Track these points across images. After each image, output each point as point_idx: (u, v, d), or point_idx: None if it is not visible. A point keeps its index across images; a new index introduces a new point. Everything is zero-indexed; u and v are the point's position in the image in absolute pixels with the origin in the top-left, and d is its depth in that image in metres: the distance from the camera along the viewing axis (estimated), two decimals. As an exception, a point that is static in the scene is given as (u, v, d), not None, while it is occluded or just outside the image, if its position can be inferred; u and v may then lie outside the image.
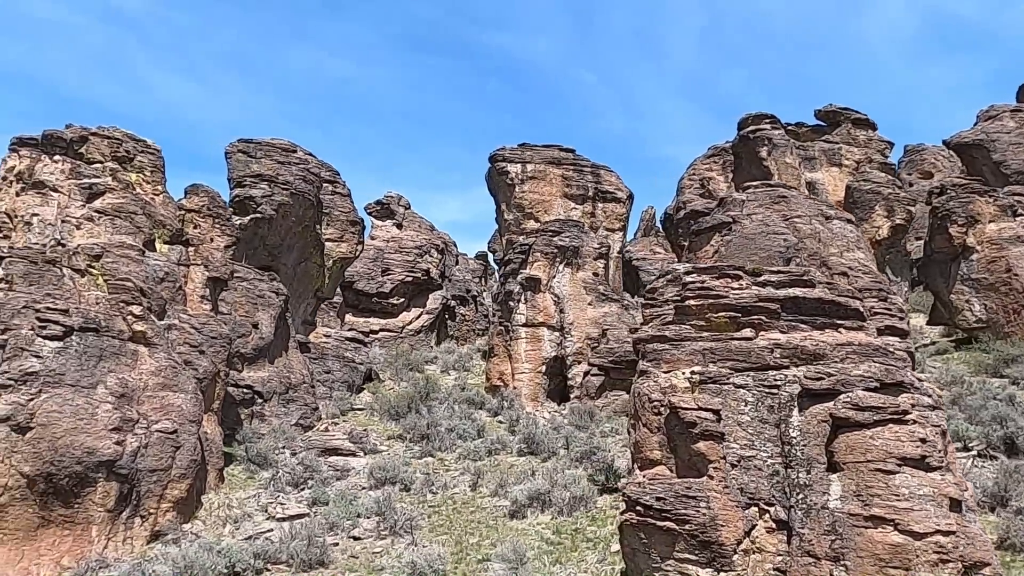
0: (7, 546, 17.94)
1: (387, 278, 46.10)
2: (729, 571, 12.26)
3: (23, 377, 19.04)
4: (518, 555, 14.65)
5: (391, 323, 45.65)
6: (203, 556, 15.81)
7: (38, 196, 24.07)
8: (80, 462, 18.75)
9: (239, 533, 19.40)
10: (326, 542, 16.96)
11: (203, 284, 25.23)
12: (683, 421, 13.63)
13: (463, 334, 49.80)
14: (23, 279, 21.17)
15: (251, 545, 17.49)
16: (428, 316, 46.95)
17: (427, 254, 48.15)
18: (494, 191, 40.74)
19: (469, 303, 51.30)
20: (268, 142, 35.78)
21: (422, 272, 46.97)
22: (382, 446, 26.55)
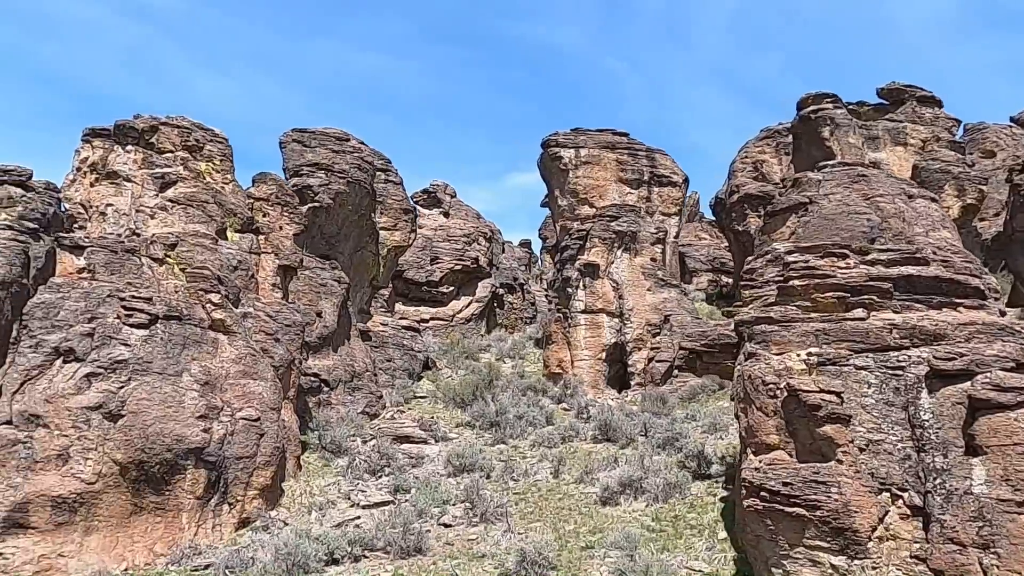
0: (102, 533, 18.04)
1: (436, 267, 45.95)
2: (863, 559, 11.84)
3: (112, 365, 19.11)
4: (631, 542, 14.34)
5: (441, 312, 45.51)
6: (302, 543, 15.71)
7: (112, 186, 24.16)
8: (170, 449, 18.79)
9: (326, 520, 19.34)
10: (424, 529, 16.77)
11: (274, 272, 25.19)
12: (804, 404, 13.19)
13: (511, 322, 49.55)
14: (105, 268, 21.24)
15: (344, 532, 17.38)
16: (478, 304, 46.75)
17: (475, 242, 47.91)
18: (547, 177, 40.28)
19: (516, 291, 51.01)
20: (322, 131, 35.62)
21: (471, 260, 46.73)
22: (452, 434, 26.39)
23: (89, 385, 18.78)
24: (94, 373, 18.91)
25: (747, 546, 13.40)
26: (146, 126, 24.76)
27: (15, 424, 18.10)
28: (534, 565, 13.94)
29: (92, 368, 18.93)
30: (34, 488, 17.53)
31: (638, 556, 13.43)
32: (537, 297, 53.09)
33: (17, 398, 18.53)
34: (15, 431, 17.97)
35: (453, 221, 48.88)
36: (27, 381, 18.79)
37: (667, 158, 39.58)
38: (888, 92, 37.59)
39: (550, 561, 14.22)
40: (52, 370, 19.01)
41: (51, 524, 17.54)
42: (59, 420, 18.26)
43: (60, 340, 19.23)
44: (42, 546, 17.34)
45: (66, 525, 17.66)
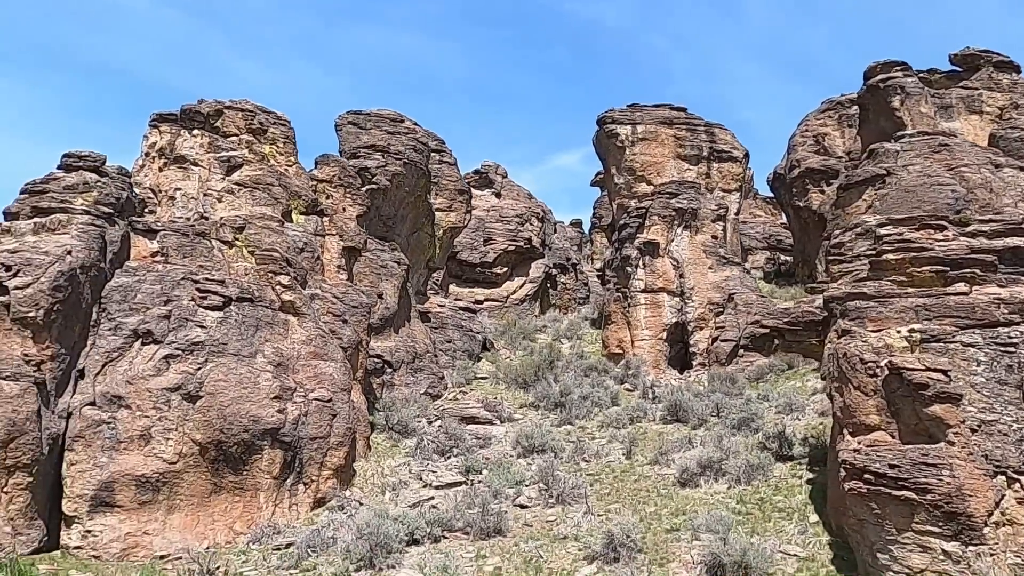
0: (183, 512, 18.34)
1: (489, 248, 45.72)
2: (978, 544, 11.26)
3: (190, 347, 19.33)
4: (723, 525, 13.95)
5: (495, 292, 45.33)
6: (383, 523, 15.69)
7: (180, 171, 24.39)
8: (247, 430, 18.97)
9: (400, 500, 19.36)
10: (501, 510, 16.63)
11: (339, 254, 25.22)
12: (908, 383, 12.58)
13: (564, 303, 49.16)
14: (177, 251, 21.48)
15: (422, 513, 17.34)
16: (531, 285, 46.45)
17: (527, 222, 47.51)
18: (602, 154, 39.62)
19: (569, 271, 50.55)
20: (376, 113, 35.50)
21: (524, 241, 46.39)
22: (516, 414, 26.23)
23: (168, 367, 19.04)
24: (172, 355, 19.16)
25: (849, 530, 12.90)
26: (211, 110, 24.89)
27: (98, 405, 18.46)
28: (622, 547, 13.66)
29: (170, 350, 19.19)
30: (119, 468, 17.89)
31: (731, 539, 13.03)
32: (590, 278, 52.55)
33: (99, 379, 18.90)
34: (99, 412, 18.33)
35: (505, 202, 48.52)
36: (108, 363, 19.13)
37: (727, 133, 38.54)
38: (962, 58, 35.88)
39: (637, 543, 13.92)
40: (132, 352, 19.32)
41: (136, 503, 17.89)
42: (140, 401, 18.56)
43: (138, 323, 19.52)
44: (128, 524, 17.71)
45: (150, 504, 18.00)
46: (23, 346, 17.80)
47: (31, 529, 16.99)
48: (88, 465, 17.82)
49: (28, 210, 20.19)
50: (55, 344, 18.35)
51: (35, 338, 17.99)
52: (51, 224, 19.88)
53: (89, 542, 17.43)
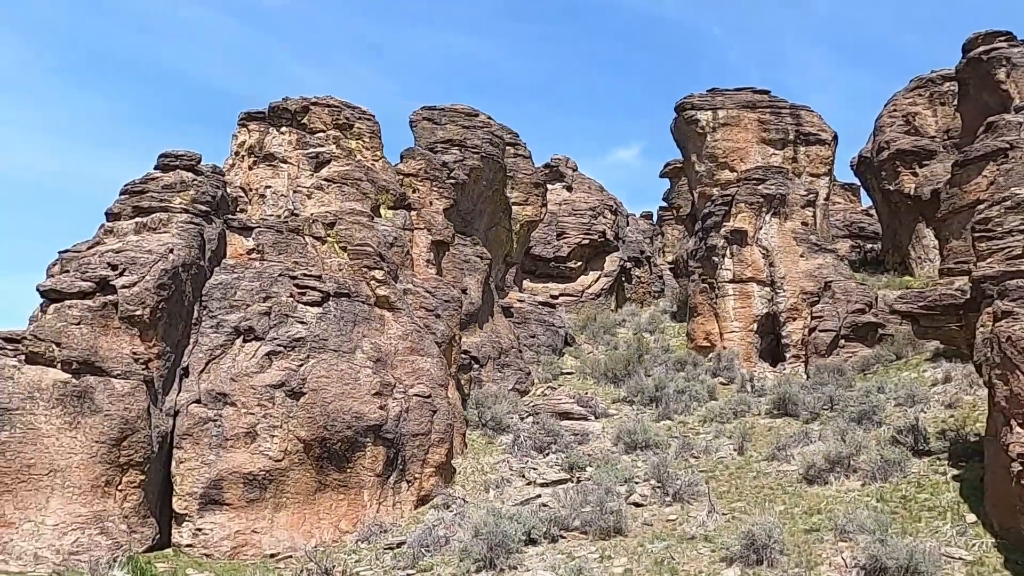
0: (290, 510, 18.13)
1: (563, 242, 44.94)
2: None
3: (291, 343, 19.14)
4: (879, 525, 12.89)
5: (570, 287, 44.53)
6: (501, 522, 15.09)
7: (269, 168, 24.35)
8: (350, 427, 18.66)
9: (505, 498, 18.77)
10: (621, 509, 15.86)
11: (427, 248, 24.83)
12: (1094, 368, 11.30)
13: (640, 296, 48.04)
14: (272, 248, 21.36)
15: (534, 511, 16.70)
16: (606, 279, 45.49)
17: (601, 215, 46.56)
18: (682, 142, 38.39)
19: (644, 264, 49.39)
20: (451, 108, 35.08)
21: (598, 234, 45.45)
22: (611, 410, 25.41)
23: (270, 363, 18.88)
24: (274, 351, 18.99)
25: (1026, 531, 11.70)
26: (298, 107, 24.79)
27: (204, 403, 18.40)
28: (764, 549, 12.74)
29: (272, 346, 19.02)
30: (226, 465, 17.78)
31: (890, 541, 11.99)
32: (663, 270, 51.27)
33: (204, 377, 18.85)
34: (205, 409, 18.27)
35: (576, 195, 47.67)
36: (211, 360, 19.08)
37: (813, 115, 36.88)
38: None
39: (779, 545, 12.97)
40: (234, 349, 19.23)
41: (243, 500, 17.75)
42: (245, 398, 18.44)
43: (239, 320, 19.43)
44: (237, 522, 17.58)
45: (257, 502, 17.84)
46: (131, 344, 17.85)
47: (144, 527, 17.00)
48: (196, 463, 17.77)
49: (129, 210, 20.33)
50: (161, 342, 18.37)
51: (142, 336, 18.03)
52: (152, 223, 19.97)
53: (200, 540, 17.36)
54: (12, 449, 16.01)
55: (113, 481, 16.70)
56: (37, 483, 16.05)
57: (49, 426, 16.48)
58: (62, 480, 16.22)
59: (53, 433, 16.44)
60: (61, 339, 17.09)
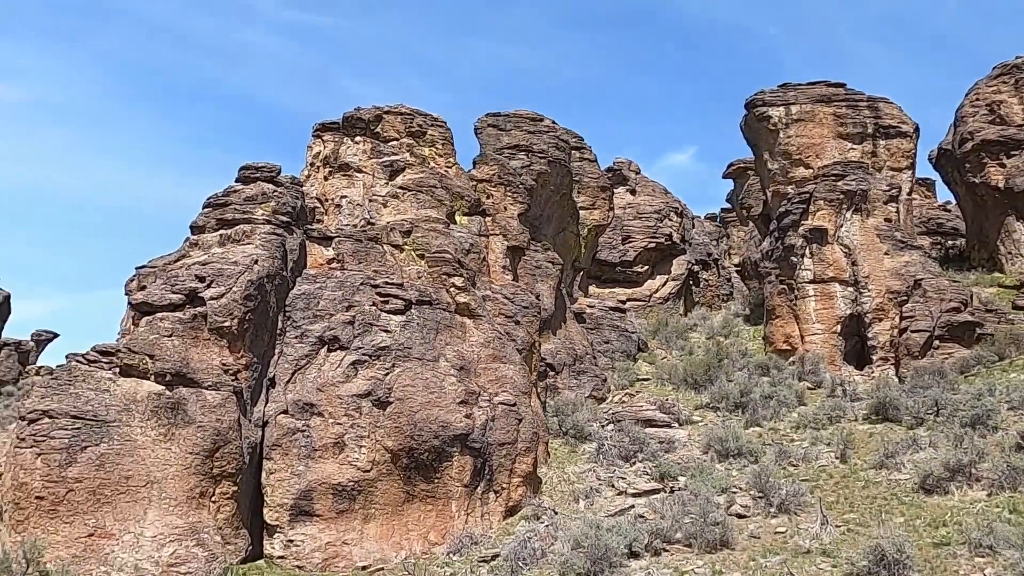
0: (378, 521, 17.89)
1: (629, 246, 44.15)
2: None
3: (376, 352, 18.97)
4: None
5: (637, 292, 43.67)
6: (602, 535, 14.51)
7: (344, 178, 24.39)
8: (436, 436, 18.35)
9: (597, 509, 18.18)
10: (725, 520, 15.12)
11: (503, 254, 24.50)
12: None
13: (708, 300, 46.83)
14: (352, 257, 21.30)
15: (633, 523, 16.07)
16: (674, 283, 44.50)
17: (666, 218, 45.62)
18: (753, 140, 37.26)
19: (711, 267, 48.20)
20: (515, 113, 34.75)
21: (664, 237, 44.53)
22: (694, 416, 24.57)
23: (356, 373, 18.74)
24: (359, 361, 18.85)
25: None
26: (370, 116, 24.80)
27: (291, 413, 18.34)
28: (895, 565, 11.87)
29: (357, 356, 18.88)
30: (316, 476, 17.65)
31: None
32: (731, 273, 49.97)
33: (290, 388, 18.81)
34: (293, 420, 18.21)
35: (641, 198, 46.85)
36: (297, 371, 19.04)
37: (892, 106, 35.35)
38: None
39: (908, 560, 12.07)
40: (319, 359, 19.16)
41: (333, 512, 17.59)
42: (332, 408, 18.31)
43: (323, 329, 19.36)
44: (327, 533, 17.42)
45: (347, 513, 17.66)
46: (220, 355, 17.92)
47: (238, 538, 16.97)
48: (286, 474, 17.69)
49: (213, 223, 20.53)
50: (248, 353, 18.41)
51: (231, 347, 18.09)
52: (236, 235, 20.10)
53: (292, 552, 17.25)
54: (111, 461, 16.16)
55: (207, 492, 16.72)
56: (135, 494, 16.17)
57: (145, 438, 16.62)
58: (158, 491, 16.31)
59: (149, 445, 16.56)
60: (154, 351, 17.25)
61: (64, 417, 16.31)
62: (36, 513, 15.64)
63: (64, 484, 15.74)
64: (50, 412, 16.38)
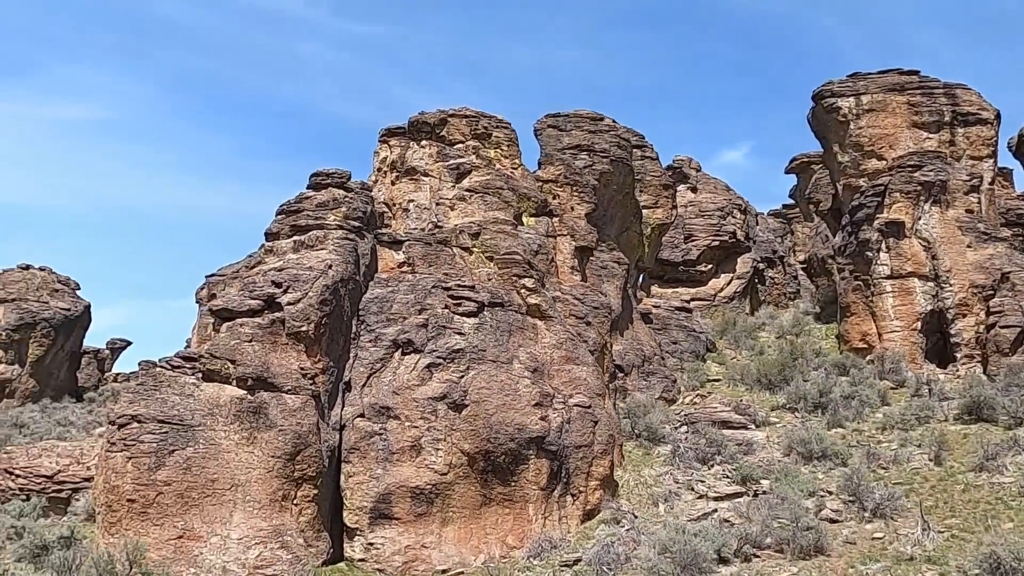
0: (456, 524, 17.82)
1: (692, 244, 43.29)
2: None
3: (450, 355, 18.92)
4: None
5: (701, 291, 42.77)
6: (691, 540, 14.11)
7: (411, 182, 24.49)
8: (513, 439, 18.19)
9: (678, 513, 17.75)
10: (818, 525, 14.54)
11: (571, 254, 24.26)
12: None
13: (774, 298, 45.60)
14: (423, 260, 21.34)
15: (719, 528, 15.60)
16: (739, 281, 43.44)
17: (729, 215, 44.61)
18: (821, 132, 36.12)
19: (777, 264, 46.94)
20: (575, 113, 34.39)
21: (728, 235, 43.53)
22: (771, 417, 23.85)
23: (431, 375, 18.72)
24: (434, 363, 18.83)
25: None
26: (435, 120, 24.85)
27: (368, 416, 18.43)
28: (1013, 574, 11.18)
29: (432, 359, 18.87)
30: (394, 479, 17.68)
31: None
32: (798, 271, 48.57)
33: (366, 391, 18.91)
34: (370, 423, 18.29)
35: (702, 196, 45.93)
36: (372, 374, 19.13)
37: (970, 92, 33.80)
38: None
39: None
40: (393, 362, 19.22)
41: (412, 515, 17.59)
42: (408, 411, 18.33)
43: (397, 333, 19.42)
44: (406, 537, 17.42)
45: (425, 516, 17.64)
46: (299, 360, 18.11)
47: (319, 541, 17.10)
48: (365, 477, 17.78)
49: (287, 229, 20.82)
50: (325, 357, 18.57)
51: (308, 351, 18.27)
52: (309, 241, 20.35)
53: (372, 555, 17.32)
54: (197, 464, 16.47)
55: (289, 495, 16.90)
56: (220, 497, 16.44)
57: (228, 441, 16.89)
58: (243, 494, 16.55)
59: (232, 448, 16.83)
60: (235, 356, 17.54)
61: (152, 422, 16.69)
62: (128, 515, 16.04)
63: (154, 487, 16.11)
64: (138, 417, 16.79)
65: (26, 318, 34.86)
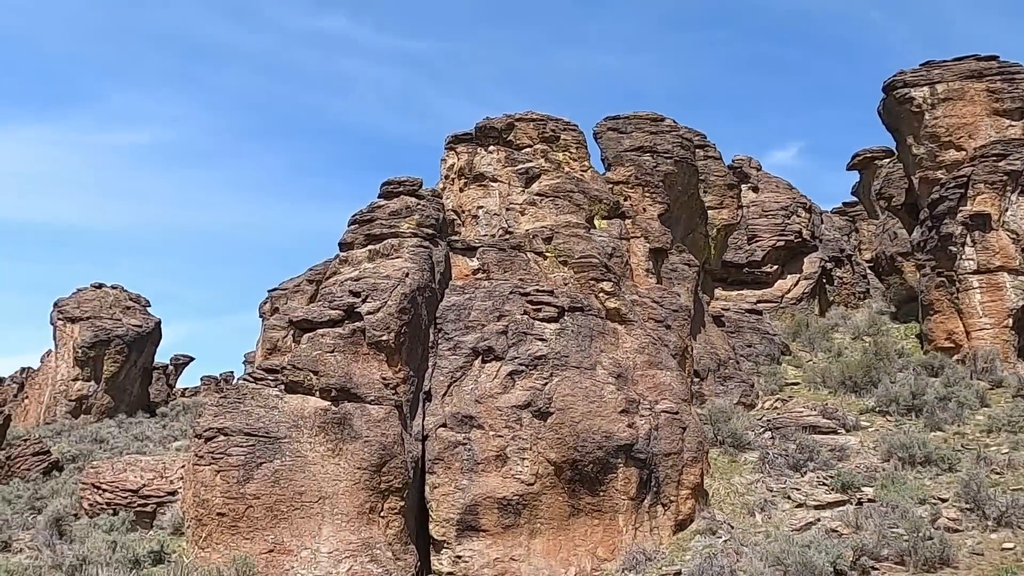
0: (544, 536, 17.31)
1: (756, 245, 42.12)
2: None
3: (533, 361, 18.47)
4: None
5: (767, 293, 41.55)
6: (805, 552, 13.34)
7: (480, 189, 24.20)
8: (600, 447, 17.63)
9: (777, 522, 16.94)
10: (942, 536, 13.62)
11: (646, 257, 23.63)
12: None
13: (843, 298, 44.08)
14: (498, 267, 20.98)
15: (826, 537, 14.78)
16: (807, 282, 42.08)
17: (794, 214, 43.32)
18: (893, 124, 34.83)
19: (844, 264, 45.41)
20: (634, 115, 33.79)
21: (794, 234, 42.25)
22: (862, 421, 22.79)
23: (513, 383, 18.30)
24: (516, 371, 18.40)
25: None
26: (502, 124, 24.57)
27: (450, 426, 18.07)
28: None
29: (514, 366, 18.44)
30: (480, 490, 17.26)
31: None
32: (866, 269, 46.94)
33: (447, 400, 18.58)
34: (453, 433, 17.92)
35: (764, 195, 44.74)
36: (453, 383, 18.79)
37: (1056, 76, 32.15)
38: None
39: None
40: (474, 370, 18.86)
41: (499, 527, 17.14)
42: (491, 420, 17.93)
43: (476, 340, 19.05)
44: (495, 549, 16.97)
45: (512, 528, 17.17)
46: (380, 370, 17.87)
47: (407, 554, 16.75)
48: (450, 488, 17.40)
49: (361, 238, 20.69)
50: (405, 367, 18.30)
51: (389, 361, 18.03)
52: (384, 249, 20.17)
53: (460, 568, 16.90)
54: (285, 477, 16.31)
55: (376, 508, 16.62)
56: (309, 510, 16.24)
57: (314, 453, 16.70)
58: (330, 507, 16.32)
59: (318, 460, 16.63)
60: (318, 367, 17.37)
61: (238, 434, 16.61)
62: (218, 529, 15.95)
63: (243, 500, 15.99)
64: (224, 430, 16.72)
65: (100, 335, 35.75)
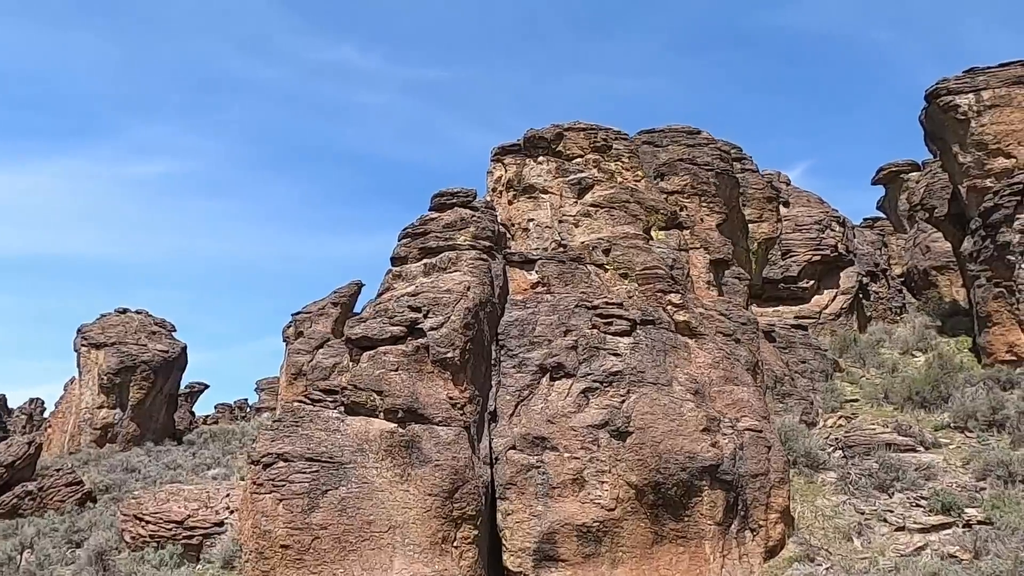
0: (627, 565, 16.10)
1: (791, 260, 41.19)
2: None
3: (607, 378, 17.39)
4: None
5: (805, 309, 40.54)
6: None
7: (530, 200, 23.29)
8: (684, 468, 16.48)
9: (879, 548, 15.74)
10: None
11: (706, 268, 22.64)
12: None
13: (880, 313, 43.05)
14: (558, 280, 19.98)
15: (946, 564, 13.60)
16: (845, 296, 41.08)
17: (828, 228, 42.47)
18: (937, 133, 34.05)
19: (880, 278, 44.43)
20: (670, 128, 32.93)
21: (829, 249, 41.34)
22: (941, 438, 21.63)
23: (587, 401, 17.20)
24: (590, 388, 17.31)
25: None
26: (551, 135, 23.72)
27: (521, 448, 16.94)
28: None
29: (587, 383, 17.36)
30: (557, 517, 16.09)
31: None
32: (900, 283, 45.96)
33: (515, 420, 17.46)
34: (525, 455, 16.79)
35: (796, 209, 43.90)
36: (520, 402, 17.69)
37: (1104, 81, 31.42)
38: None
39: None
40: (542, 388, 17.77)
41: (579, 556, 15.94)
42: (566, 441, 16.80)
43: (544, 356, 17.98)
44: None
45: (593, 557, 15.97)
46: (446, 389, 16.79)
47: (482, 587, 15.56)
48: (525, 515, 16.22)
49: (415, 253, 19.73)
50: (471, 385, 17.22)
51: (454, 380, 16.95)
52: (441, 263, 19.19)
53: (540, 601, 15.67)
54: (352, 505, 15.15)
55: (448, 537, 15.43)
56: (378, 541, 15.05)
57: (381, 479, 15.56)
58: (401, 537, 15.14)
59: (386, 487, 15.48)
60: (381, 387, 16.29)
61: (300, 460, 15.48)
62: (282, 563, 14.75)
63: (309, 531, 14.82)
64: (284, 455, 15.59)
65: (126, 361, 34.59)
